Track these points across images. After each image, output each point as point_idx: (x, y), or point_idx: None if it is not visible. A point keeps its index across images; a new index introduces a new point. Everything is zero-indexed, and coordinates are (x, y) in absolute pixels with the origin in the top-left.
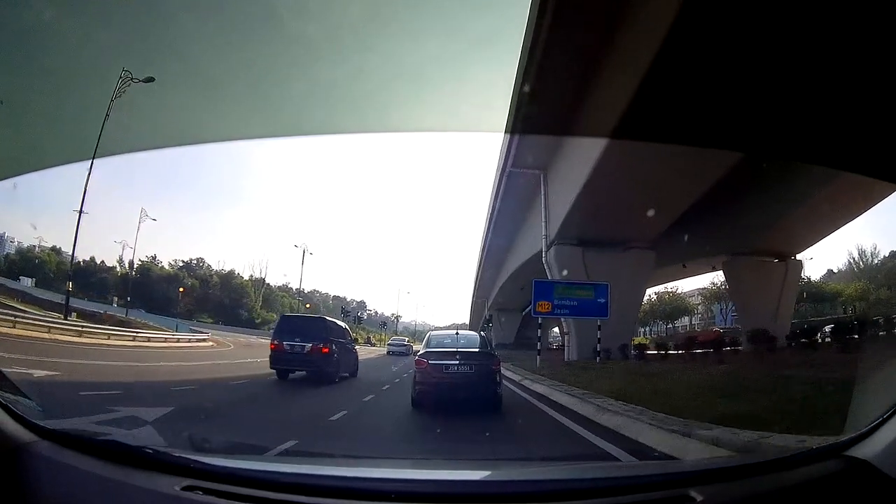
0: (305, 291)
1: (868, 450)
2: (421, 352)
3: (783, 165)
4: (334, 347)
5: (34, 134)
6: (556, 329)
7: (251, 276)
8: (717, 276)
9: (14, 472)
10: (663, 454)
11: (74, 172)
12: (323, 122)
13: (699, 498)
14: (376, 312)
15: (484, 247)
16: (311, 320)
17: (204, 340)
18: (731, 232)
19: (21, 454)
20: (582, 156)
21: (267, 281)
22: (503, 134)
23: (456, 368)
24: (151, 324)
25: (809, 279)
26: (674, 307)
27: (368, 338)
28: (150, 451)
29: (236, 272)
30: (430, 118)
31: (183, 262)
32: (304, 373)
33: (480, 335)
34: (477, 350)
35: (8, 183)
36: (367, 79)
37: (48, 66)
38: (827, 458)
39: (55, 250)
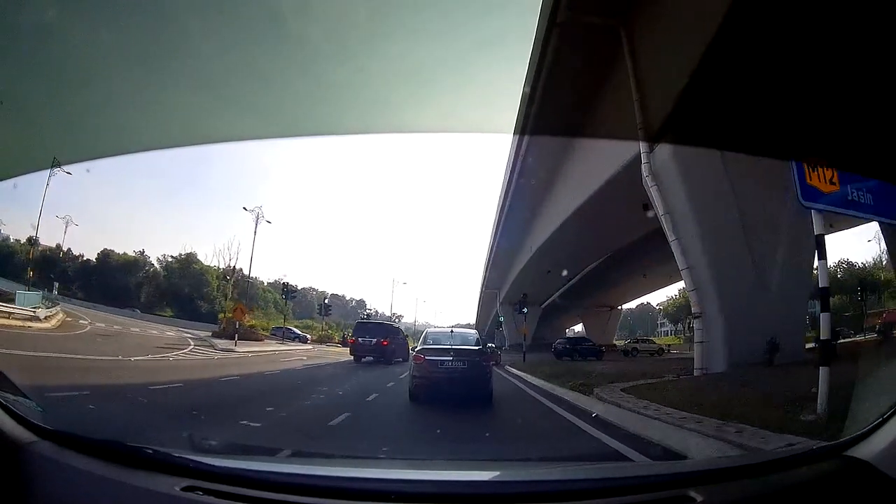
0: (298, 287)
1: (868, 450)
2: (418, 348)
3: None
4: (392, 341)
5: (34, 134)
6: (577, 328)
7: (228, 265)
8: None
9: (14, 473)
10: (664, 454)
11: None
12: (325, 123)
13: (699, 498)
14: (376, 311)
15: (497, 229)
16: (377, 324)
17: (36, 319)
18: None
19: (21, 454)
20: None
21: (254, 275)
22: None
23: (450, 364)
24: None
25: (863, 265)
26: None
27: (345, 336)
28: (150, 451)
29: (198, 256)
30: (434, 117)
31: (172, 257)
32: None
33: (476, 333)
34: (469, 347)
35: (8, 183)
36: (368, 80)
37: (51, 66)
38: (827, 458)
39: (30, 242)
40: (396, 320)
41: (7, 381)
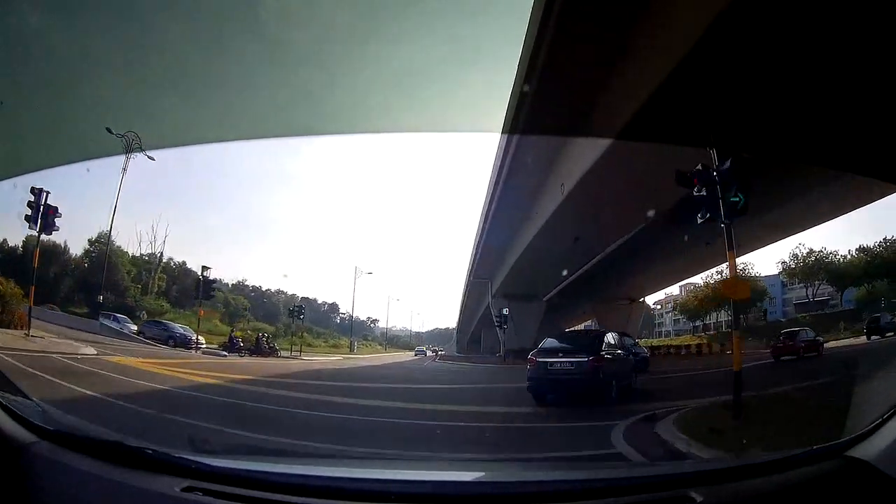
0: (263, 289)
1: (868, 450)
2: (535, 350)
3: None
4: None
5: (34, 134)
6: (589, 322)
7: (153, 251)
8: (800, 249)
9: (15, 473)
10: (665, 455)
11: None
12: (304, 124)
13: (699, 498)
14: (351, 316)
15: (492, 194)
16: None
17: None
18: None
19: (22, 455)
20: None
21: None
22: None
23: (559, 366)
24: None
25: None
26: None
27: (260, 339)
28: (151, 451)
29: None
30: (416, 118)
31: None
32: None
33: (596, 336)
34: (579, 348)
35: (8, 183)
36: (350, 83)
37: (43, 69)
38: (827, 459)
39: None
40: (371, 324)
41: (7, 381)
